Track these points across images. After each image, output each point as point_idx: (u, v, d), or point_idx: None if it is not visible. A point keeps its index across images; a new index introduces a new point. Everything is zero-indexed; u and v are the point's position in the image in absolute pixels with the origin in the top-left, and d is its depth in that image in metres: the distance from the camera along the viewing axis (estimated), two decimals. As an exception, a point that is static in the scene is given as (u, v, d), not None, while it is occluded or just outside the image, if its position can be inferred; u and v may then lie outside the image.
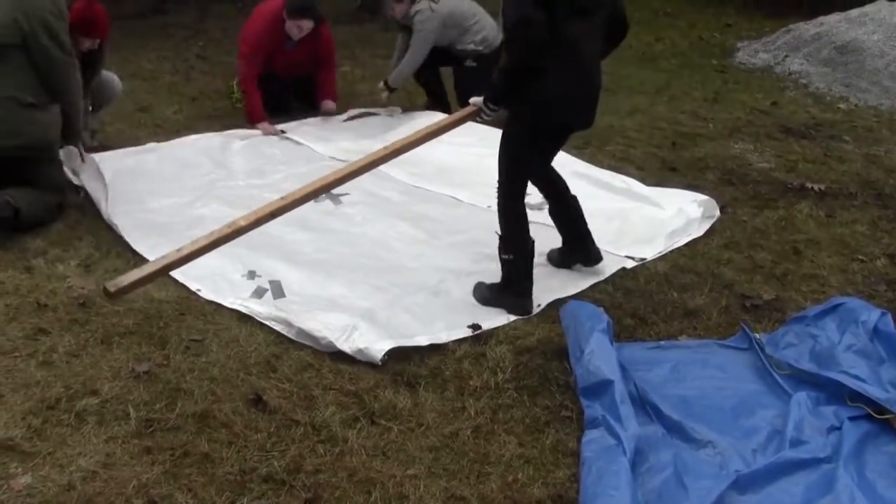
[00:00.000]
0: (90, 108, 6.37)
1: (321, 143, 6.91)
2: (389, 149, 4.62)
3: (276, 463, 3.27)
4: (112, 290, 3.57)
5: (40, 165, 5.16)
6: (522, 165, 4.62)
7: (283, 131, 7.08)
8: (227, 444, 3.36)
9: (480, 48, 7.55)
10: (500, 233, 4.60)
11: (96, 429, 3.42)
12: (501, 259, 4.58)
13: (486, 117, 4.69)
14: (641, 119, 8.22)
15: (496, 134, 4.66)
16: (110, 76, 6.56)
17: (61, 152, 5.59)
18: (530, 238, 4.58)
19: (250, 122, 7.12)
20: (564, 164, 6.53)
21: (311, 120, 7.43)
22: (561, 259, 5.02)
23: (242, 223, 4.15)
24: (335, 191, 5.91)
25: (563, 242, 5.00)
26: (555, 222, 4.97)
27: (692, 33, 12.85)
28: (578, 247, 4.96)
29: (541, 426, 3.57)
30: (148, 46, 10.14)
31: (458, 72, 7.72)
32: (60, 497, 3.06)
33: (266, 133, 6.99)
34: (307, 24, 7.01)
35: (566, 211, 4.93)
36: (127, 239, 5.03)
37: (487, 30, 7.63)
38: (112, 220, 5.23)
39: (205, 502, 3.08)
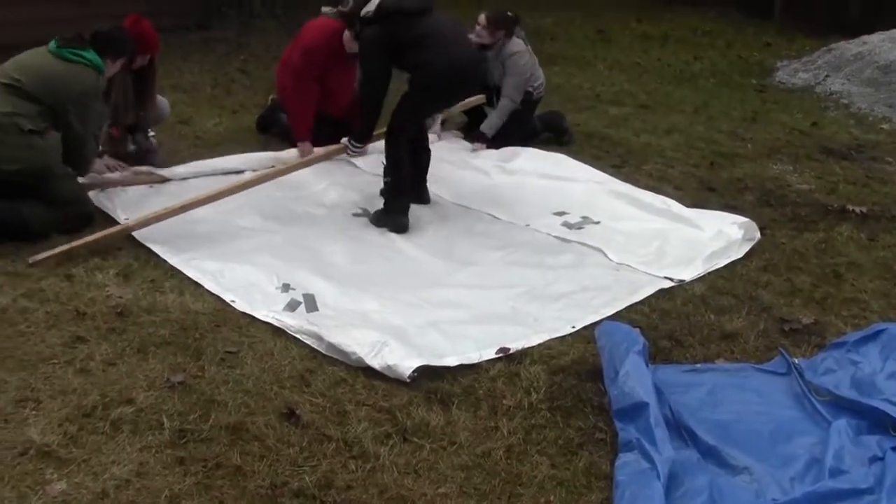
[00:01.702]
0: (148, 135, 6.53)
1: (360, 158, 6.92)
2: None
3: (307, 478, 3.26)
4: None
5: (45, 183, 5.17)
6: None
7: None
8: (259, 458, 3.36)
9: (535, 93, 7.58)
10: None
11: (130, 437, 3.43)
12: (384, 180, 5.87)
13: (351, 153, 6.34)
14: (679, 138, 8.18)
15: (539, 157, 4.75)
16: (161, 99, 6.65)
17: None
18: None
19: (296, 136, 6.81)
20: (603, 182, 6.55)
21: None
22: None
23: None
24: (374, 208, 5.95)
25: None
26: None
27: (731, 52, 12.80)
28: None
29: (574, 448, 3.54)
30: (190, 60, 10.23)
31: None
32: (94, 505, 3.07)
33: (303, 155, 6.64)
34: (347, 35, 6.52)
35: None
36: (160, 253, 5.07)
37: (542, 77, 7.76)
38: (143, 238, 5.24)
39: (236, 516, 3.08)
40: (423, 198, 6.18)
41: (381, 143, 5.93)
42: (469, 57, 6.00)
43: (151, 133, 6.62)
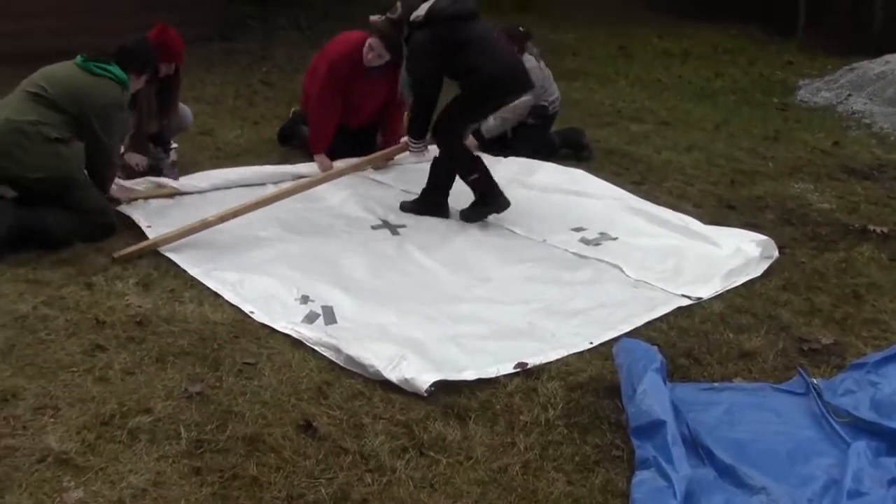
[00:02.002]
0: (168, 149, 6.59)
1: (379, 173, 6.95)
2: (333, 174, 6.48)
3: (323, 490, 3.26)
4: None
5: (69, 192, 5.20)
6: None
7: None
8: (275, 469, 3.36)
9: (550, 108, 7.60)
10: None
11: (148, 447, 3.44)
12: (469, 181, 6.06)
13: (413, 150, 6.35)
14: (699, 156, 8.18)
15: (558, 173, 4.78)
16: (183, 108, 6.70)
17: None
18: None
19: (313, 149, 6.90)
20: (621, 199, 6.55)
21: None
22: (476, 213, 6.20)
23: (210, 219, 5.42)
24: (393, 221, 5.97)
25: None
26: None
27: (752, 70, 12.79)
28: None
29: (590, 465, 3.53)
30: (213, 71, 10.29)
31: (517, 128, 7.71)
32: (110, 514, 3.08)
33: (322, 169, 6.70)
34: (378, 47, 6.64)
35: None
36: (180, 263, 5.09)
37: (557, 92, 7.79)
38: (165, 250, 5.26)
39: (252, 527, 3.09)
40: (444, 211, 6.27)
41: (403, 157, 5.99)
42: (515, 62, 6.23)
43: (174, 144, 6.65)
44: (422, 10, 5.78)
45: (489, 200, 6.13)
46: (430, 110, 5.99)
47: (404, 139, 6.52)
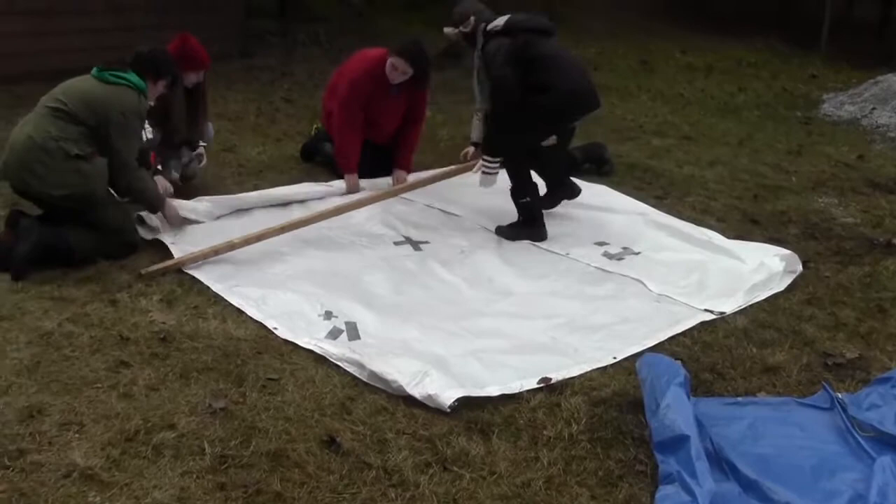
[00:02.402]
0: (193, 158, 6.62)
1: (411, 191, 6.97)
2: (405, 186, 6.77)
3: (347, 505, 3.28)
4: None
5: (91, 209, 5.22)
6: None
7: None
8: (299, 485, 3.37)
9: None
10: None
11: (172, 462, 3.46)
12: (519, 202, 6.15)
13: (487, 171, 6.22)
14: (723, 170, 8.16)
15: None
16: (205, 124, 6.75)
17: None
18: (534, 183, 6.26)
19: (344, 168, 6.88)
20: (644, 213, 6.54)
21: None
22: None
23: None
24: (416, 238, 5.98)
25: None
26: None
27: (776, 84, 12.75)
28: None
29: (614, 480, 3.52)
30: (234, 88, 10.34)
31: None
32: (135, 530, 3.10)
33: (350, 189, 6.77)
34: (399, 63, 6.68)
35: None
36: (203, 279, 5.12)
37: None
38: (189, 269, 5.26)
39: (276, 542, 3.09)
40: (574, 191, 6.59)
41: (423, 174, 5.97)
42: (588, 80, 6.21)
43: (203, 143, 6.72)
44: (500, 21, 5.95)
45: (530, 225, 6.19)
46: (511, 118, 5.91)
47: (479, 162, 6.31)
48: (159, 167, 6.20)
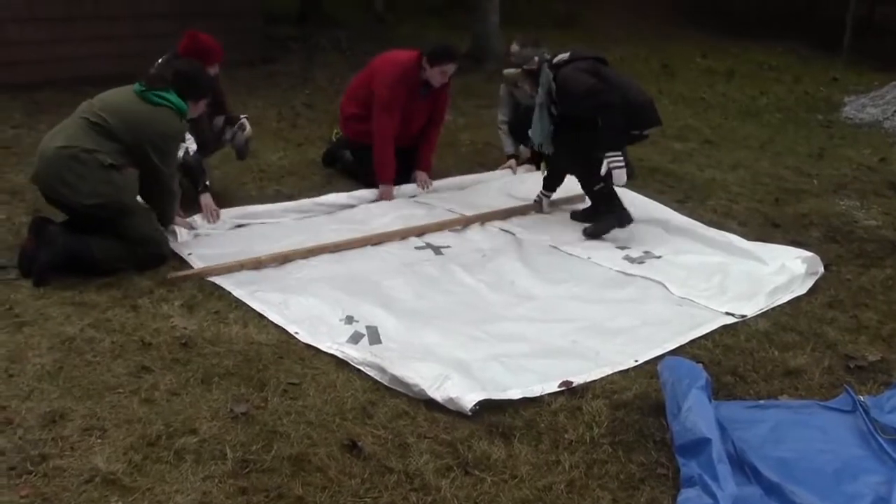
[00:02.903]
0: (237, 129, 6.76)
1: (423, 194, 6.99)
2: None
3: (368, 509, 3.28)
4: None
5: (120, 219, 5.21)
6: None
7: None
8: (321, 489, 3.37)
9: None
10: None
11: (194, 467, 3.47)
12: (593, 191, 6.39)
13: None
14: (744, 174, 8.13)
15: None
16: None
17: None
18: None
19: (381, 178, 6.89)
20: (665, 217, 6.52)
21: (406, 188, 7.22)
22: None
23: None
24: (437, 242, 5.98)
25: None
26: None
27: (797, 87, 12.70)
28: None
29: (636, 483, 3.51)
30: (255, 94, 10.39)
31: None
32: (157, 534, 3.11)
33: (384, 197, 6.83)
34: (451, 69, 6.84)
35: None
36: (224, 285, 5.14)
37: None
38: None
39: (297, 546, 3.09)
40: (626, 218, 6.49)
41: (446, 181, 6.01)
42: (650, 97, 6.50)
43: (244, 116, 6.81)
44: (565, 54, 6.35)
45: (611, 210, 6.37)
46: (617, 116, 6.10)
47: (537, 196, 6.87)
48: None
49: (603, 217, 6.37)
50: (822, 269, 5.63)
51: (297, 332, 4.60)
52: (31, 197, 5.47)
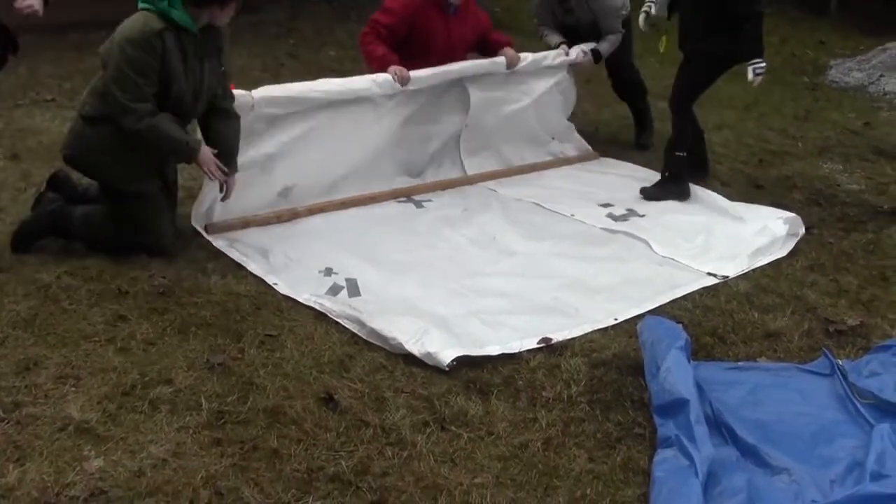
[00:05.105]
0: None
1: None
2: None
3: (343, 463, 3.26)
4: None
5: (122, 200, 4.70)
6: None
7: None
8: (296, 442, 3.36)
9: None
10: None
11: (168, 417, 3.45)
12: (674, 155, 6.30)
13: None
14: (729, 135, 8.11)
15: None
16: None
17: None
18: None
19: (381, 69, 5.90)
20: (652, 179, 6.48)
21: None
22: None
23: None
24: (418, 196, 5.94)
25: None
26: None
27: (784, 49, 12.62)
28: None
29: (612, 442, 3.51)
30: (238, 43, 10.19)
31: None
32: (130, 483, 3.08)
33: (401, 78, 5.83)
34: None
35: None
36: (204, 234, 5.10)
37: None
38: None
39: (271, 498, 3.08)
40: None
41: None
42: None
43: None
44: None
45: (677, 182, 6.28)
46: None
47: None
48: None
49: (666, 184, 6.29)
50: (803, 231, 5.62)
51: (275, 284, 4.57)
52: (58, 164, 5.20)
